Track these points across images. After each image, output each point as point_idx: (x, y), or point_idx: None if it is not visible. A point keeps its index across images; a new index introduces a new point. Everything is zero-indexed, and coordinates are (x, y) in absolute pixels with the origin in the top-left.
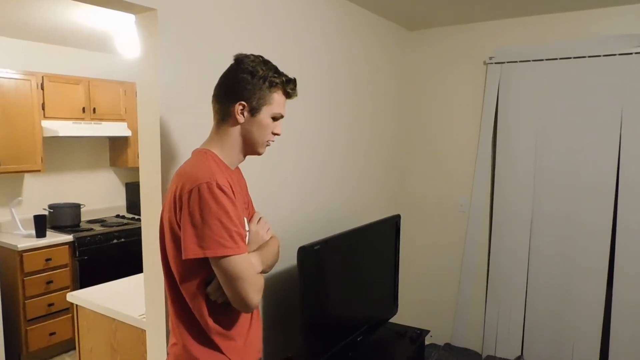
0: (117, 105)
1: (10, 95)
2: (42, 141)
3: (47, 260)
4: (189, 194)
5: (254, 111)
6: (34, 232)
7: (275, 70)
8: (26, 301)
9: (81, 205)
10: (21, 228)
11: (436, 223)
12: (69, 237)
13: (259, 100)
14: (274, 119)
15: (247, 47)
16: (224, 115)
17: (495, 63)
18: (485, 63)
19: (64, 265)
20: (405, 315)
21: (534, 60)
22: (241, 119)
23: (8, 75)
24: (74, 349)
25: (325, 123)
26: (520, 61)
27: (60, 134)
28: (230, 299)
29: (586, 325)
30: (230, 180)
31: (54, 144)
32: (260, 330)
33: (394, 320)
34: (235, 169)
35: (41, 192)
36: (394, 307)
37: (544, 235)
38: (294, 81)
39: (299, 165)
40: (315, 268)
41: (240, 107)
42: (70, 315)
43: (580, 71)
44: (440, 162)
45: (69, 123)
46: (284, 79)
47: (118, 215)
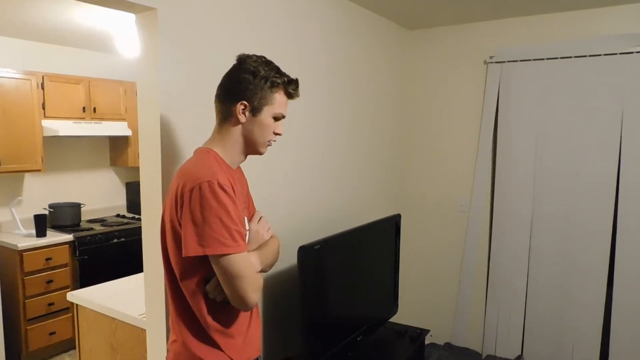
0: (118, 105)
1: (11, 95)
2: (43, 141)
3: (47, 259)
4: (190, 192)
5: (255, 111)
6: (34, 232)
7: (277, 71)
8: (26, 301)
9: (81, 205)
10: (21, 227)
11: (436, 223)
12: (69, 237)
13: (260, 101)
14: (276, 119)
15: (247, 47)
16: (225, 115)
17: (496, 62)
18: (485, 62)
19: (64, 265)
20: (405, 315)
21: (534, 59)
22: (243, 119)
23: (8, 75)
24: (74, 348)
25: (325, 123)
26: (520, 60)
27: (61, 134)
28: (229, 297)
29: (586, 325)
30: (232, 179)
31: (54, 143)
32: (260, 329)
33: (394, 319)
34: (237, 169)
35: (41, 192)
36: (394, 307)
37: (544, 235)
38: (296, 82)
39: (299, 165)
40: (315, 268)
41: (242, 107)
42: (70, 314)
43: (580, 70)
44: (440, 162)
45: (69, 123)
46: (285, 80)
47: (118, 215)
